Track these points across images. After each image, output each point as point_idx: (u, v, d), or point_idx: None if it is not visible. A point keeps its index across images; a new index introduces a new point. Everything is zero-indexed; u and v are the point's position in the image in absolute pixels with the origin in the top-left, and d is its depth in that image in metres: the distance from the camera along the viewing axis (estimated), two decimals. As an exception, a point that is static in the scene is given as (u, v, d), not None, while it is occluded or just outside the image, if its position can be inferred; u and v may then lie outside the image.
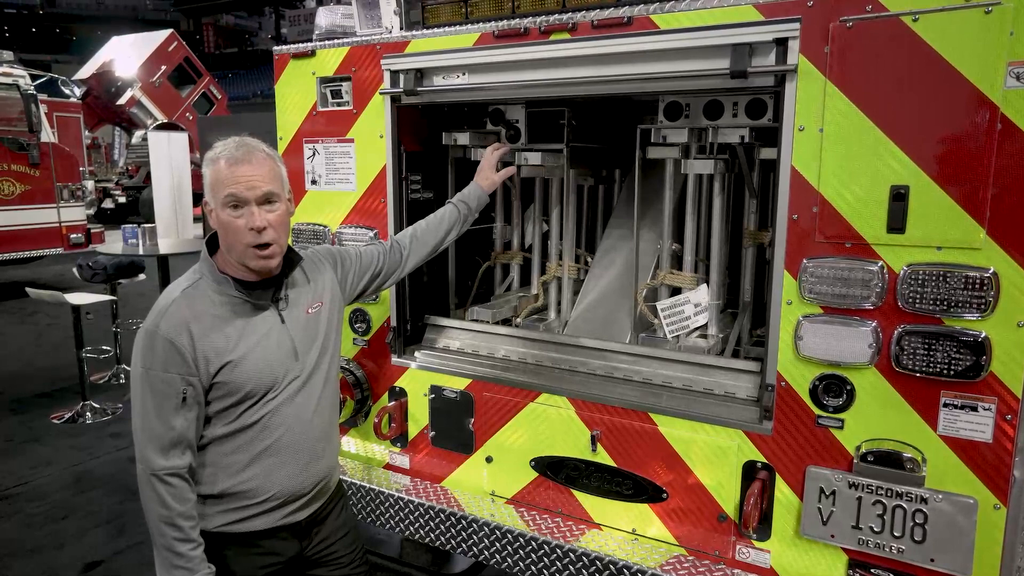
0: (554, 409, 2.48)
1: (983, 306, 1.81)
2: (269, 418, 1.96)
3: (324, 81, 2.79)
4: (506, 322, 2.94)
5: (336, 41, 2.74)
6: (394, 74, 2.61)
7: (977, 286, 1.81)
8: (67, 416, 5.85)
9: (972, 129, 1.78)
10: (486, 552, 2.53)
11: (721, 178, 2.53)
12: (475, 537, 2.53)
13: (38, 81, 10.20)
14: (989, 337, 1.82)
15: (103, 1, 39.10)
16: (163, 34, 15.71)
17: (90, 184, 13.29)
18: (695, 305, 2.59)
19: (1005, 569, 1.88)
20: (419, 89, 2.55)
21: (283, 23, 38.88)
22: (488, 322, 2.83)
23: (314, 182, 2.90)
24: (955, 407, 1.88)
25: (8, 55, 9.65)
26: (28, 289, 5.84)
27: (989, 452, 1.86)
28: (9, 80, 9.41)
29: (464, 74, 2.48)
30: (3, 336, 8.31)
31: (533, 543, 2.42)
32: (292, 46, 2.86)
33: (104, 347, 7.12)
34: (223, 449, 1.94)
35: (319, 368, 2.08)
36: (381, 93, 2.64)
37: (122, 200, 14.78)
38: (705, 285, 2.59)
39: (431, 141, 2.91)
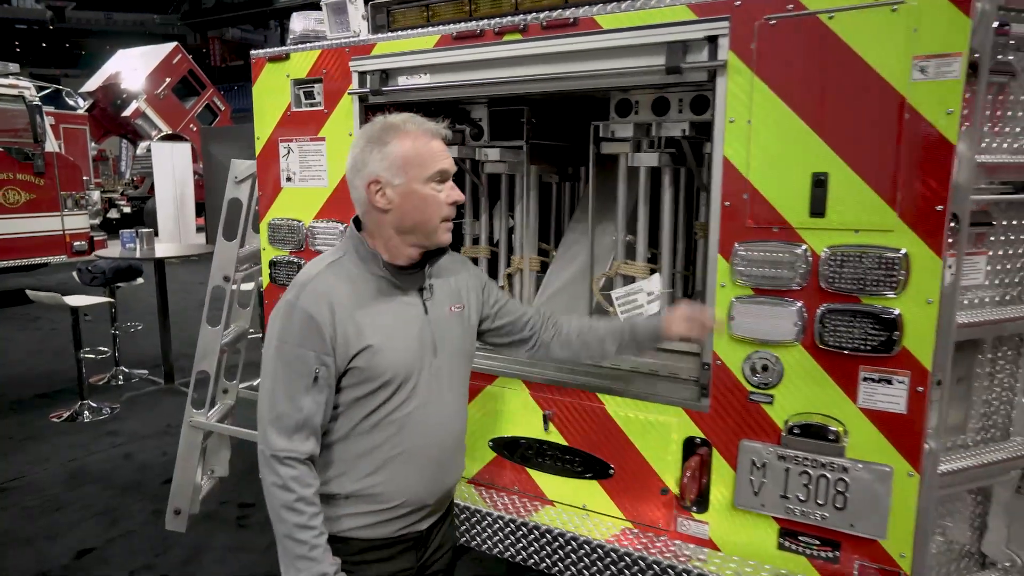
0: (510, 391, 2.61)
1: (895, 285, 1.93)
2: (404, 419, 1.81)
3: (297, 83, 2.94)
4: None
5: (308, 45, 2.89)
6: (362, 75, 2.75)
7: (890, 266, 1.93)
8: (66, 415, 6.00)
9: (883, 119, 1.90)
10: (459, 533, 2.64)
11: (671, 172, 2.66)
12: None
13: (43, 93, 10.43)
14: (902, 314, 1.94)
15: (111, 16, 39.63)
16: (168, 47, 16.00)
17: (96, 195, 13.50)
18: (648, 293, 2.70)
19: (919, 532, 1.98)
20: (384, 89, 2.69)
21: (288, 36, 39.27)
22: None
23: (289, 179, 3.04)
24: (873, 381, 2.00)
25: (14, 67, 9.89)
26: (28, 291, 6.01)
27: (903, 423, 1.97)
28: (15, 92, 9.64)
29: (426, 74, 2.63)
30: (6, 341, 8.48)
31: (489, 519, 2.53)
32: (268, 50, 3.01)
33: (102, 348, 7.27)
34: (355, 447, 1.81)
35: (458, 371, 1.95)
36: (349, 93, 2.78)
37: (127, 210, 15.04)
38: (658, 274, 2.71)
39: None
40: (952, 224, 1.94)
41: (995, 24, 1.86)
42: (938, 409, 2.01)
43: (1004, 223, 2.18)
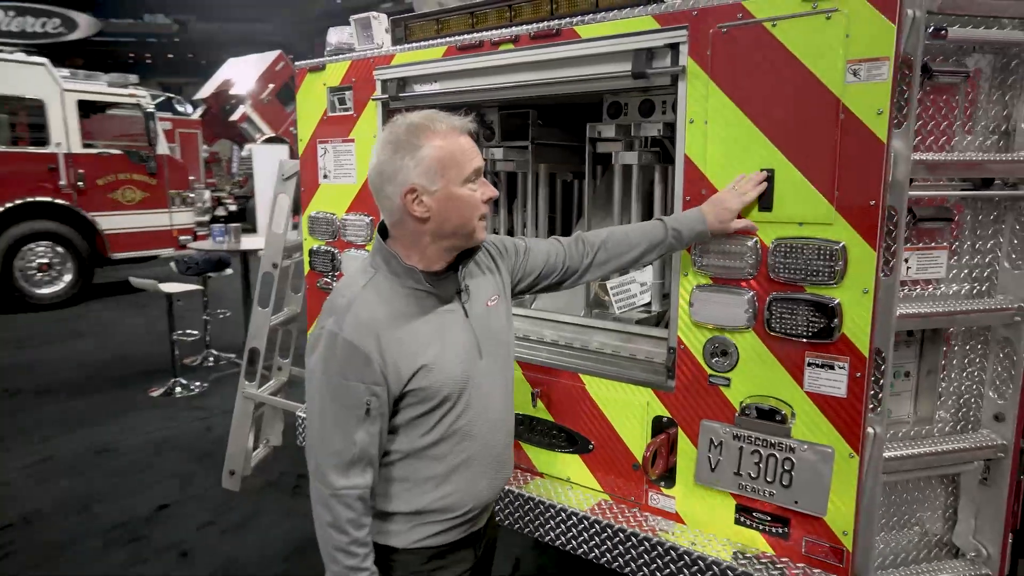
0: (506, 371, 2.84)
1: (834, 275, 2.04)
2: (466, 427, 1.79)
3: (332, 90, 3.27)
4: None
5: (340, 56, 3.22)
6: (384, 83, 3.06)
7: (829, 257, 2.04)
8: (161, 391, 6.67)
9: (822, 120, 2.02)
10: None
11: (660, 169, 2.82)
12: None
13: (157, 101, 11.43)
14: (841, 303, 2.05)
15: (227, 28, 42.22)
16: (272, 55, 17.06)
17: (207, 193, 14.64)
18: (641, 284, 2.88)
19: (860, 510, 2.09)
20: (401, 95, 2.99)
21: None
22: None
23: (325, 176, 3.39)
24: (817, 366, 2.12)
25: (133, 78, 10.92)
26: (131, 279, 6.72)
27: (844, 406, 2.08)
28: (133, 100, 10.65)
29: (436, 82, 2.90)
30: (119, 324, 9.41)
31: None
32: (308, 61, 3.37)
33: (191, 331, 7.99)
34: (419, 464, 1.76)
35: (503, 367, 1.94)
36: (373, 99, 3.09)
37: (233, 208, 16.12)
38: (650, 266, 2.88)
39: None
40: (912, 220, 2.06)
41: (930, 29, 1.95)
42: (886, 395, 2.10)
43: (969, 219, 2.24)
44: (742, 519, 2.31)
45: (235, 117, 16.31)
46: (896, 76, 1.91)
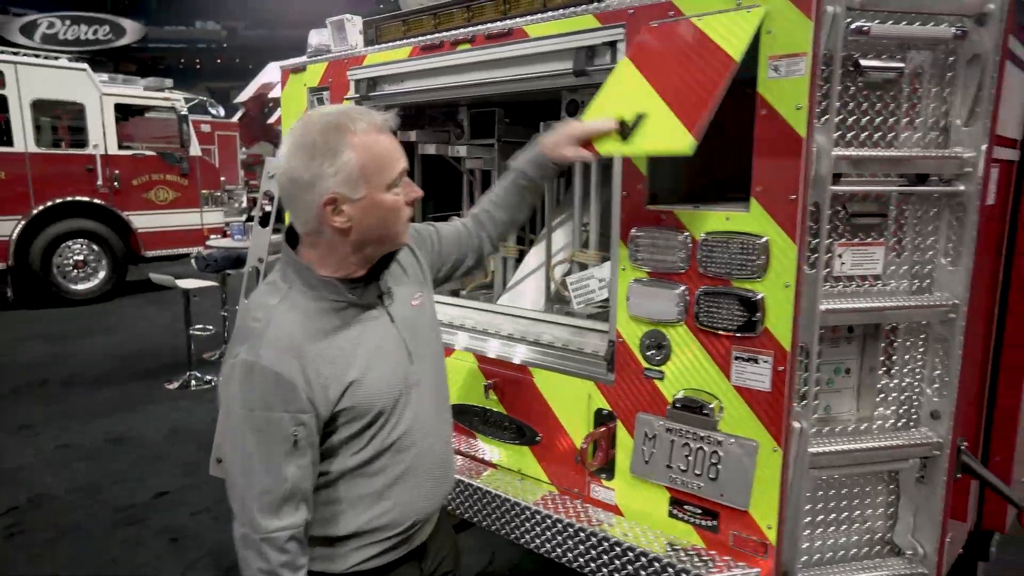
0: (463, 363, 2.90)
1: (757, 270, 2.06)
2: (402, 438, 1.71)
3: (311, 91, 3.38)
4: (455, 293, 3.39)
5: (318, 57, 3.33)
6: (357, 83, 3.15)
7: (752, 252, 2.06)
8: (178, 383, 6.90)
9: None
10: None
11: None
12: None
13: (190, 104, 11.81)
14: (764, 297, 2.06)
15: (275, 35, 43.20)
16: (308, 59, 17.40)
17: (244, 194, 15.02)
18: (599, 280, 2.91)
19: (785, 504, 2.09)
20: (371, 95, 3.08)
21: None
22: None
23: (305, 174, 3.49)
24: (743, 360, 2.13)
25: (168, 82, 11.32)
26: (151, 275, 6.97)
27: (768, 400, 2.09)
28: (168, 104, 11.03)
29: (403, 81, 2.98)
30: (146, 320, 9.76)
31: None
32: (290, 62, 3.48)
33: (209, 326, 8.23)
34: (354, 482, 1.67)
35: (435, 367, 1.86)
36: (346, 99, 3.19)
37: (268, 208, 16.52)
38: (608, 262, 2.91)
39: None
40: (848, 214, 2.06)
41: (853, 25, 1.95)
42: (811, 390, 2.10)
43: (908, 215, 2.22)
44: (675, 512, 2.33)
45: (272, 120, 16.67)
46: (815, 72, 1.92)
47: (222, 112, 13.59)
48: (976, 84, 2.06)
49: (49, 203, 9.92)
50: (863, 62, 2.06)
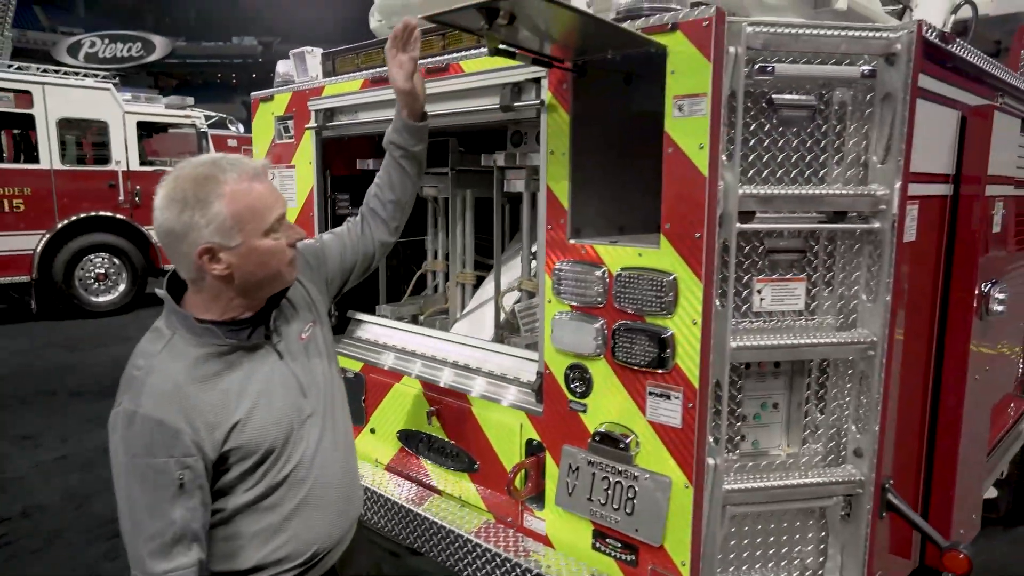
0: (411, 389, 2.94)
1: (667, 306, 2.06)
2: (295, 470, 1.73)
3: (278, 119, 3.47)
4: (415, 319, 3.44)
5: (284, 87, 3.42)
6: (316, 112, 3.22)
7: (662, 288, 2.07)
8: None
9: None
10: (367, 514, 2.98)
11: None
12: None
13: (210, 121, 12.08)
14: (674, 334, 2.07)
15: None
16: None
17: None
18: (546, 308, 2.93)
19: (699, 540, 2.08)
20: (328, 124, 3.15)
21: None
22: (388, 317, 3.34)
23: (273, 200, 3.57)
24: (656, 395, 2.14)
25: (190, 100, 11.61)
26: (156, 289, 7.14)
27: (680, 436, 2.09)
28: (189, 121, 11.32)
29: (356, 112, 3.05)
30: (163, 332, 9.96)
31: (388, 503, 2.86)
32: (260, 92, 3.58)
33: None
34: (252, 517, 1.70)
35: (331, 397, 1.89)
36: (307, 128, 3.27)
37: (291, 222, 16.84)
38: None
39: (355, 166, 3.50)
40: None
41: (757, 65, 1.96)
42: (723, 426, 2.10)
43: (831, 251, 2.21)
44: (598, 544, 2.33)
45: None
46: (717, 111, 1.93)
47: (241, 129, 13.90)
48: (890, 122, 2.05)
49: (73, 218, 10.22)
50: (775, 97, 2.07)
